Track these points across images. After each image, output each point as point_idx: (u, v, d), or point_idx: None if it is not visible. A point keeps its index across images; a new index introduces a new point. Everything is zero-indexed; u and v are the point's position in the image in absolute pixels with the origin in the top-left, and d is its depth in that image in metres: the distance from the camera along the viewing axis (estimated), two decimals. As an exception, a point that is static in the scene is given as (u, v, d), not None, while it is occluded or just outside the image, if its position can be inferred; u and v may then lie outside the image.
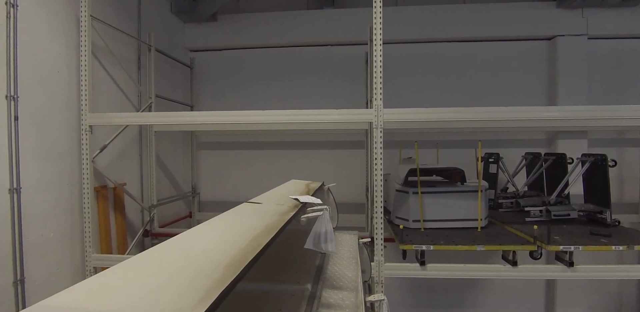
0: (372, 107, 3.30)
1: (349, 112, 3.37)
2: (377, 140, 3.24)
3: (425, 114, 3.31)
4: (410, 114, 3.31)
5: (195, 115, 3.67)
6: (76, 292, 0.75)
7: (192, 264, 0.93)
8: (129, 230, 4.70)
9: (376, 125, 3.26)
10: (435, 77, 6.15)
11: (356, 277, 2.21)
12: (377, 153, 3.24)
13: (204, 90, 6.46)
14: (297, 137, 6.30)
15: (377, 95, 3.26)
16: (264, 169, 6.34)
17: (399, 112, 3.29)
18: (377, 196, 3.30)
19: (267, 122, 3.52)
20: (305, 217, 1.63)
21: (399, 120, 3.30)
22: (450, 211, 3.85)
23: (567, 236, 3.53)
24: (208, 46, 6.37)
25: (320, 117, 3.37)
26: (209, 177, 6.52)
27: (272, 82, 6.35)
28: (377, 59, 3.26)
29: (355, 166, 6.07)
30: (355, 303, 1.81)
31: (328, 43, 6.22)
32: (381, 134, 3.26)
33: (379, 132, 3.25)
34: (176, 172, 6.00)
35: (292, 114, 3.40)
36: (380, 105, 3.26)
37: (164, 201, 5.33)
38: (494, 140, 6.06)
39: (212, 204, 6.59)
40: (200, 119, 3.87)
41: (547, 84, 6.06)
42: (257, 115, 3.48)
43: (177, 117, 3.72)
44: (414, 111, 3.31)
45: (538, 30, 5.92)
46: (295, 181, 2.96)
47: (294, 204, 1.83)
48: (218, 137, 6.47)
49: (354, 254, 2.74)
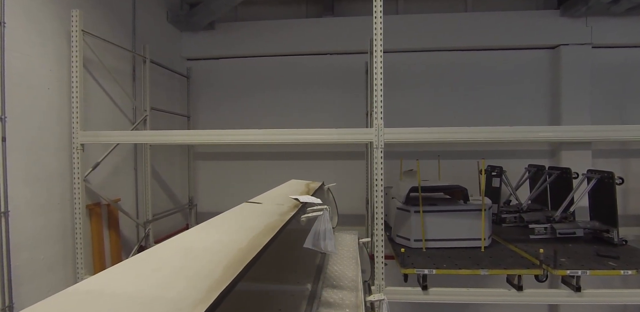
0: (372, 126, 3.19)
1: (349, 132, 3.26)
2: (377, 161, 3.14)
3: (425, 134, 3.20)
4: (410, 134, 3.21)
5: (188, 135, 3.57)
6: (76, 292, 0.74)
7: (192, 264, 0.92)
8: (124, 247, 4.60)
9: (376, 145, 3.16)
10: (436, 87, 6.05)
11: (356, 277, 2.19)
12: (378, 173, 3.14)
13: (201, 100, 6.35)
14: (297, 148, 6.19)
15: (378, 114, 3.15)
16: (262, 180, 6.19)
17: (399, 131, 3.18)
18: (377, 213, 3.19)
19: (264, 142, 3.41)
20: (305, 217, 1.61)
21: (399, 141, 3.19)
22: (453, 230, 3.74)
23: (573, 258, 3.42)
24: (205, 55, 6.26)
25: (319, 137, 3.26)
26: (206, 188, 6.41)
27: (270, 91, 6.24)
28: (377, 76, 3.16)
29: (355, 177, 5.96)
30: (355, 303, 1.80)
31: (327, 52, 6.11)
32: (382, 153, 3.15)
33: (379, 152, 3.15)
34: (173, 183, 5.90)
35: (290, 133, 3.30)
36: (381, 124, 3.15)
37: (159, 215, 5.22)
38: (495, 151, 5.95)
39: (210, 216, 6.35)
40: (193, 139, 3.77)
41: (550, 93, 5.96)
42: (254, 134, 3.37)
43: (169, 137, 3.60)
44: (414, 131, 3.20)
45: (541, 39, 5.81)
46: (295, 181, 2.92)
47: (294, 204, 1.82)
48: (215, 147, 6.37)
49: (354, 254, 2.70)
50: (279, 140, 3.31)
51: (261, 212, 1.63)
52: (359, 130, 3.38)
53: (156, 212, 5.22)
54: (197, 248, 1.09)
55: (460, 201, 3.87)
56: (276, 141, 3.32)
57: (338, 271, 2.29)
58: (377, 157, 3.14)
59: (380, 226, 3.20)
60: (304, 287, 1.88)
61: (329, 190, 3.17)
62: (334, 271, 2.30)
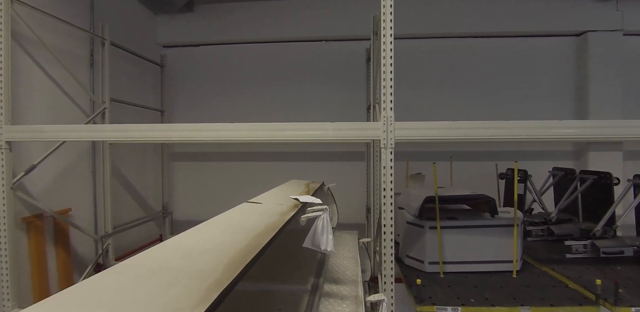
0: (380, 119, 2.45)
1: (348, 127, 2.51)
2: (386, 165, 2.39)
3: (451, 129, 2.45)
4: (431, 130, 2.45)
5: (154, 130, 2.79)
6: (74, 293, 0.74)
7: (192, 264, 0.93)
8: (78, 266, 3.82)
9: (385, 144, 2.41)
10: (446, 79, 5.31)
11: (356, 277, 2.14)
12: (387, 181, 2.39)
13: (178, 93, 5.57)
14: (288, 147, 5.44)
15: (387, 104, 2.41)
16: (249, 183, 5.45)
17: (416, 126, 2.43)
18: (386, 232, 2.44)
19: (243, 139, 2.64)
20: (305, 217, 1.60)
21: (415, 138, 2.44)
22: (478, 251, 3.01)
23: (630, 288, 2.70)
24: (183, 41, 5.48)
25: (311, 133, 2.50)
26: (184, 193, 5.63)
27: (257, 83, 5.47)
28: (386, 55, 2.41)
29: (354, 181, 5.22)
30: (355, 303, 1.77)
31: (322, 38, 5.36)
32: (391, 155, 2.41)
33: (388, 153, 2.40)
34: (144, 188, 5.12)
35: (275, 128, 2.54)
36: (391, 117, 2.41)
37: (126, 225, 4.45)
38: (512, 151, 5.24)
39: (188, 224, 5.63)
40: (160, 135, 2.97)
41: (576, 86, 5.25)
42: (232, 130, 2.60)
43: (130, 132, 2.82)
44: (436, 126, 2.45)
45: (566, 25, 5.10)
46: (295, 181, 2.81)
47: (294, 204, 1.82)
48: (195, 147, 5.59)
49: (354, 254, 2.62)
50: (259, 138, 2.56)
51: (261, 212, 1.63)
52: (361, 124, 2.61)
53: (122, 223, 4.45)
54: (197, 248, 1.09)
55: (486, 214, 3.14)
56: (256, 139, 2.56)
57: (338, 271, 2.24)
58: (386, 159, 2.40)
59: (389, 250, 2.44)
60: (304, 287, 1.84)
61: (329, 190, 3.02)
62: (333, 271, 2.24)
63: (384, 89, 2.41)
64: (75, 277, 3.78)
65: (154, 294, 0.73)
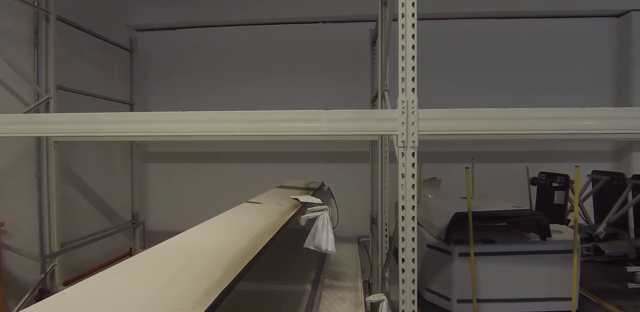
0: (396, 106, 1.68)
1: (350, 117, 1.75)
2: (407, 173, 1.63)
3: (512, 120, 1.65)
4: (479, 122, 1.66)
5: (103, 121, 1.99)
6: (76, 292, 0.73)
7: (192, 264, 0.91)
8: (14, 293, 3.08)
9: (405, 142, 1.65)
10: (466, 66, 4.54)
11: (356, 277, 2.11)
12: (408, 197, 1.63)
13: (153, 84, 4.81)
14: (279, 147, 4.70)
15: (407, 84, 1.65)
16: (235, 188, 4.70)
17: (454, 116, 1.66)
18: (405, 271, 1.68)
19: (203, 134, 1.88)
20: (305, 217, 1.55)
21: (451, 133, 1.68)
22: (524, 285, 2.26)
23: None
24: (158, 24, 4.73)
25: (290, 126, 1.74)
26: (160, 200, 4.88)
27: (243, 73, 4.71)
28: (407, 12, 1.66)
29: (356, 186, 4.46)
30: (355, 303, 1.74)
31: (320, 19, 4.60)
32: (414, 158, 1.65)
33: (410, 155, 1.65)
34: (109, 195, 4.37)
35: (233, 119, 1.79)
36: (413, 103, 1.66)
37: (82, 240, 3.70)
38: (539, 152, 4.50)
39: (164, 235, 4.90)
40: (109, 129, 2.20)
41: (616, 75, 4.48)
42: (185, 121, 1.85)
43: (73, 125, 1.99)
44: (487, 115, 1.66)
45: (605, 3, 4.34)
46: (295, 181, 2.79)
47: (294, 204, 1.81)
48: (172, 146, 4.85)
49: (354, 254, 2.58)
50: (207, 133, 1.79)
51: (261, 212, 1.62)
52: (369, 113, 1.81)
53: (80, 237, 3.71)
54: (197, 248, 1.07)
55: (531, 235, 2.39)
56: (205, 133, 1.80)
57: (338, 271, 2.19)
58: (406, 164, 1.64)
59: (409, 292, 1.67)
60: (304, 287, 1.79)
61: (329, 190, 2.99)
62: (333, 271, 2.19)
63: (404, 62, 1.66)
64: (10, 306, 3.04)
65: (154, 294, 0.72)
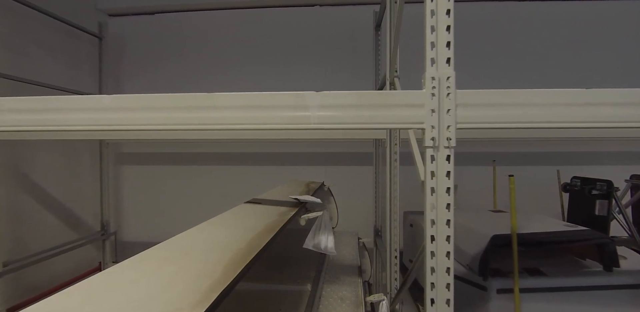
0: (424, 86, 1.11)
1: (356, 101, 1.14)
2: (439, 185, 1.06)
3: (597, 106, 1.05)
4: (550, 108, 1.04)
5: None
6: (76, 292, 0.73)
7: (192, 264, 0.90)
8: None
9: (436, 138, 1.08)
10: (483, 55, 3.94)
11: (356, 277, 2.11)
12: (441, 223, 1.06)
13: (128, 76, 4.23)
14: (270, 147, 4.13)
15: (440, 51, 1.08)
16: (222, 193, 4.12)
17: (511, 99, 1.07)
18: (437, 305, 1.07)
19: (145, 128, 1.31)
20: (305, 217, 1.57)
21: (503, 124, 1.09)
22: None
23: None
24: (134, 7, 4.14)
25: (271, 117, 1.16)
26: (136, 207, 4.28)
27: (230, 64, 4.12)
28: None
29: (357, 192, 3.90)
30: (356, 303, 1.74)
31: (316, 2, 4.03)
32: (449, 163, 1.08)
33: (443, 158, 1.07)
34: (72, 202, 3.79)
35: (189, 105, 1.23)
36: (449, 79, 1.08)
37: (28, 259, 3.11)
38: (566, 153, 3.94)
39: (141, 247, 4.29)
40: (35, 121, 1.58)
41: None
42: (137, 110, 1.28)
43: None
44: (563, 98, 1.07)
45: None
46: (295, 181, 2.79)
47: (294, 204, 1.81)
48: (152, 146, 4.27)
49: (354, 254, 2.58)
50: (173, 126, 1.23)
51: (261, 212, 1.61)
52: (381, 96, 1.15)
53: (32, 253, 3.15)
54: (197, 248, 1.06)
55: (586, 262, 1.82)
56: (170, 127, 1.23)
57: (338, 271, 2.19)
58: (438, 172, 1.07)
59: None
60: (304, 287, 1.79)
61: (329, 190, 2.91)
62: (333, 271, 2.19)
63: (434, 19, 1.09)
64: None
65: (154, 294, 0.71)
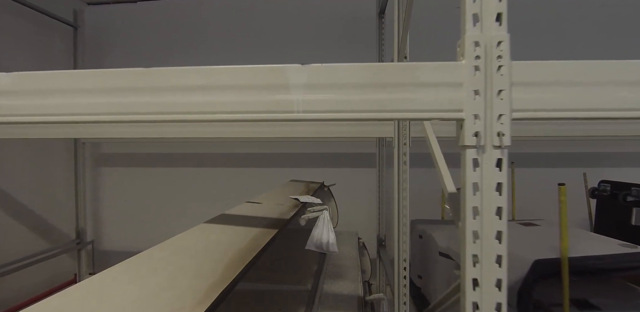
0: (462, 56, 0.77)
1: (361, 79, 0.80)
2: (485, 202, 0.73)
3: None
4: None
5: None
6: (72, 294, 0.73)
7: (192, 264, 0.91)
8: None
9: (483, 133, 0.74)
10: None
11: (356, 276, 2.11)
12: (488, 258, 0.72)
13: (107, 67, 3.88)
14: (264, 148, 3.78)
15: (487, 2, 0.74)
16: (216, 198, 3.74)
17: (590, 77, 0.75)
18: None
19: None
20: (306, 217, 1.59)
21: (579, 113, 0.76)
22: None
23: None
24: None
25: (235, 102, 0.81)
26: (116, 213, 3.92)
27: (219, 56, 3.79)
28: None
29: (359, 197, 3.55)
30: (356, 303, 1.76)
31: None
32: (502, 169, 0.74)
33: (492, 162, 0.73)
34: (47, 208, 3.45)
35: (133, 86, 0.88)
36: (500, 45, 0.74)
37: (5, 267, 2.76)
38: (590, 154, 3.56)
39: (122, 256, 3.91)
40: None
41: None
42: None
43: None
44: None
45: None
46: (295, 181, 2.79)
47: (294, 204, 1.83)
48: (134, 146, 3.91)
49: (353, 253, 2.55)
50: None
51: (261, 212, 1.63)
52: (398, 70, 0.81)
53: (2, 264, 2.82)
54: (197, 248, 1.07)
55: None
56: None
57: (338, 271, 2.20)
58: (485, 182, 0.73)
59: None
60: (304, 287, 1.81)
61: (329, 190, 2.85)
62: (333, 271, 2.19)
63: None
64: None
65: (154, 294, 0.71)
